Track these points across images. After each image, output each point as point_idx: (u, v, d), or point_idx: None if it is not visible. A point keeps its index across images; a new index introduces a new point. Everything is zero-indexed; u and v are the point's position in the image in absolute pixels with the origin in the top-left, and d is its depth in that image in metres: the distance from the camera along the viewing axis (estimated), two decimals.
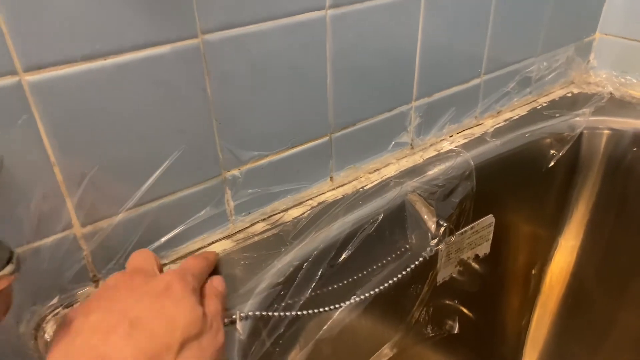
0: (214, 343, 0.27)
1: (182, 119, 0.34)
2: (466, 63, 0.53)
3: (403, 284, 0.48)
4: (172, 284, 0.28)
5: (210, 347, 0.27)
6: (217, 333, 0.28)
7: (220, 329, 0.29)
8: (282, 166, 0.42)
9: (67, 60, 0.28)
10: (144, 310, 0.26)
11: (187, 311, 0.27)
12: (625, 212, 0.63)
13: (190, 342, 0.26)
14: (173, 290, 0.28)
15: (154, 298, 0.27)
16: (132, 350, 0.24)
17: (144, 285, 0.28)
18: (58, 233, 0.32)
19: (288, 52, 0.38)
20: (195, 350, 0.26)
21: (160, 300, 0.27)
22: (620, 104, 0.63)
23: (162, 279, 0.29)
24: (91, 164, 0.32)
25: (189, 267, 0.32)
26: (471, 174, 0.52)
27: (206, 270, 0.34)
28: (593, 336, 0.71)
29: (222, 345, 0.28)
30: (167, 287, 0.28)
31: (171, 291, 0.28)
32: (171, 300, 0.27)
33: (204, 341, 0.27)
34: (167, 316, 0.26)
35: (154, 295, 0.27)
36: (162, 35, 0.31)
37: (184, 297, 0.28)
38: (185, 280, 0.29)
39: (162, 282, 0.28)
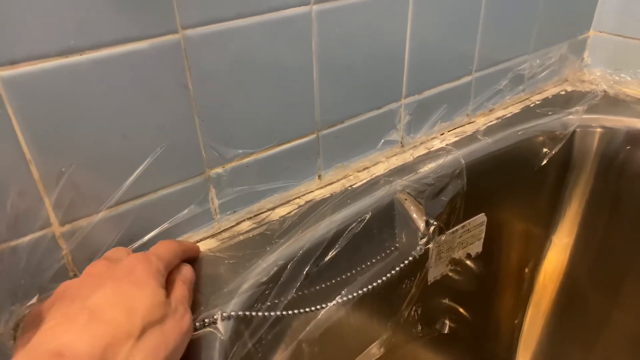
0: (178, 328, 0.27)
1: (163, 115, 0.34)
2: (457, 60, 0.52)
3: (392, 283, 0.47)
4: (134, 267, 0.28)
5: (173, 332, 0.26)
6: (182, 318, 0.28)
7: (185, 314, 0.28)
8: (268, 164, 0.42)
9: (41, 56, 0.28)
10: (104, 297, 0.26)
11: (149, 295, 0.26)
12: (618, 211, 0.62)
13: (151, 327, 0.25)
14: (135, 273, 0.27)
15: (115, 283, 0.27)
16: (91, 339, 0.23)
17: (107, 271, 0.28)
18: (36, 232, 0.32)
19: (272, 48, 0.37)
20: (157, 335, 0.25)
21: (121, 285, 0.26)
22: (613, 102, 0.62)
23: (126, 262, 0.28)
24: (69, 161, 0.31)
25: (155, 249, 0.32)
26: (462, 172, 0.51)
27: (176, 255, 0.33)
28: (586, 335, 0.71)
29: (187, 330, 0.28)
30: (130, 270, 0.28)
31: (133, 275, 0.27)
32: (133, 283, 0.27)
33: (166, 326, 0.26)
34: (127, 302, 0.26)
35: (116, 279, 0.27)
36: (140, 31, 0.31)
37: (146, 280, 0.27)
38: (149, 262, 0.29)
39: (124, 267, 0.28)
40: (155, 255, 0.30)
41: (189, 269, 0.33)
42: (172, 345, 0.26)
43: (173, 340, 0.26)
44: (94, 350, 0.23)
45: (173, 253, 0.33)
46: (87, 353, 0.23)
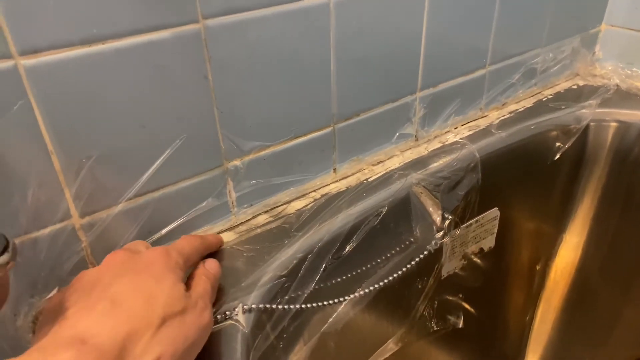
0: (198, 321, 0.27)
1: (183, 106, 0.34)
2: (471, 53, 0.52)
3: (408, 278, 0.47)
4: (154, 261, 0.28)
5: (193, 325, 0.26)
6: (202, 312, 0.27)
7: (205, 309, 0.28)
8: (285, 157, 0.42)
9: (64, 44, 0.28)
10: (124, 287, 0.26)
11: (168, 288, 0.26)
12: (632, 207, 0.62)
13: (171, 318, 0.25)
14: (154, 266, 0.27)
15: (134, 275, 0.27)
16: (112, 326, 0.23)
17: (127, 263, 0.28)
18: (56, 224, 0.31)
19: (291, 39, 0.37)
20: (176, 326, 0.25)
21: (140, 277, 0.26)
22: (626, 96, 0.62)
23: (145, 256, 0.28)
24: (90, 152, 0.31)
25: (177, 244, 0.31)
26: (476, 166, 0.51)
27: (198, 250, 0.33)
28: (597, 332, 0.71)
29: (206, 325, 0.28)
30: (149, 263, 0.28)
31: (152, 268, 0.27)
32: (152, 276, 0.27)
33: (186, 318, 0.26)
34: (146, 293, 0.26)
35: (136, 272, 0.27)
36: (162, 20, 0.30)
37: (165, 273, 0.27)
38: (169, 256, 0.29)
39: (144, 259, 0.28)
40: (175, 250, 0.30)
41: (215, 264, 0.33)
42: (192, 338, 0.26)
43: (192, 333, 0.26)
44: (115, 338, 0.23)
45: (194, 249, 0.32)
46: (109, 340, 0.23)
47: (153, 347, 0.24)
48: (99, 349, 0.22)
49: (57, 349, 0.22)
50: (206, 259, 0.33)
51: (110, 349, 0.22)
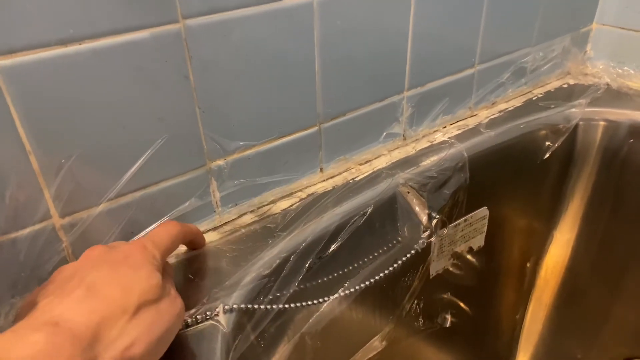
0: (172, 308, 0.27)
1: (163, 106, 0.33)
2: (459, 52, 0.52)
3: (394, 277, 0.47)
4: (130, 253, 0.28)
5: (167, 312, 0.27)
6: (174, 299, 0.28)
7: (177, 297, 0.29)
8: (270, 157, 0.41)
9: (40, 45, 0.27)
10: (101, 276, 0.26)
11: (144, 278, 0.27)
12: (621, 205, 0.62)
13: (146, 305, 0.26)
14: (131, 258, 0.28)
15: (112, 266, 0.27)
16: (87, 311, 0.24)
17: (104, 255, 0.28)
18: (36, 224, 0.31)
19: (274, 38, 0.37)
20: (152, 313, 0.26)
21: (117, 268, 0.27)
22: (616, 95, 0.62)
23: (122, 248, 0.29)
24: (69, 152, 0.31)
25: (153, 235, 0.31)
26: (464, 165, 0.51)
27: (177, 238, 0.33)
28: (587, 329, 0.71)
29: (180, 311, 0.28)
30: (126, 256, 0.28)
31: (129, 259, 0.28)
32: (129, 267, 0.27)
33: (161, 306, 0.27)
34: (123, 282, 0.26)
35: (113, 263, 0.27)
36: (141, 20, 0.30)
37: (142, 264, 0.28)
38: (146, 249, 0.29)
39: (121, 252, 0.28)
40: (151, 241, 0.30)
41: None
42: (167, 324, 0.27)
43: (167, 319, 0.27)
44: (89, 322, 0.23)
45: (171, 237, 0.32)
46: (83, 324, 0.23)
47: (128, 332, 0.24)
48: (72, 332, 0.22)
49: (29, 330, 0.22)
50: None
51: (83, 333, 0.23)
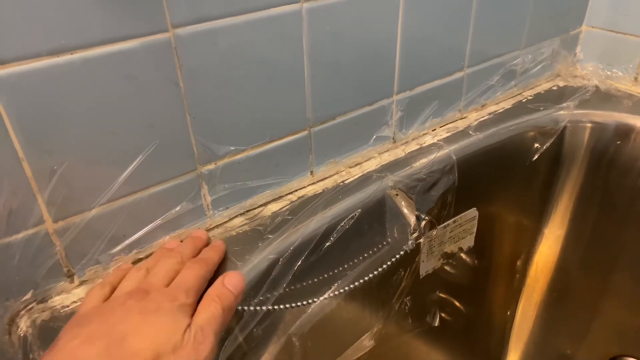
0: (194, 355, 0.27)
1: (154, 113, 0.34)
2: (449, 56, 0.52)
3: (384, 278, 0.48)
4: (162, 305, 0.29)
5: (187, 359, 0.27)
6: (200, 344, 0.28)
7: (205, 340, 0.28)
8: (260, 161, 0.42)
9: (32, 55, 0.28)
10: (129, 327, 0.27)
11: (169, 328, 0.28)
12: (609, 205, 0.63)
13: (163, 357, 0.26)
14: (162, 309, 0.29)
15: (141, 316, 0.28)
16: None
17: (136, 304, 0.29)
18: (29, 229, 0.32)
19: (263, 46, 0.37)
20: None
21: (147, 319, 0.28)
22: (605, 97, 0.63)
23: (154, 299, 0.29)
24: (61, 159, 0.31)
25: (182, 282, 0.31)
26: (453, 167, 0.52)
27: (204, 278, 0.33)
28: (577, 326, 0.72)
29: (205, 357, 0.28)
30: (157, 307, 0.29)
31: (160, 310, 0.28)
32: (158, 317, 0.28)
33: (180, 355, 0.27)
34: (147, 333, 0.27)
35: (145, 314, 0.28)
36: (131, 30, 0.31)
37: (170, 314, 0.28)
38: (177, 298, 0.30)
39: (154, 304, 0.29)
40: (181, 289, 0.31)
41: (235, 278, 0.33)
42: None
43: None
44: None
45: (199, 279, 0.32)
46: None
47: None
48: None
49: None
50: (227, 273, 0.34)
51: None
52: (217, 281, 0.33)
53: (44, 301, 0.34)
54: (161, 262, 0.33)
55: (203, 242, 0.38)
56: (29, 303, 0.34)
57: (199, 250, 0.37)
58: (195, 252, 0.36)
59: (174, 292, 0.30)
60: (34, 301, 0.34)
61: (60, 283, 0.35)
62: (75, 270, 0.35)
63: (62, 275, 0.35)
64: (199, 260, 0.35)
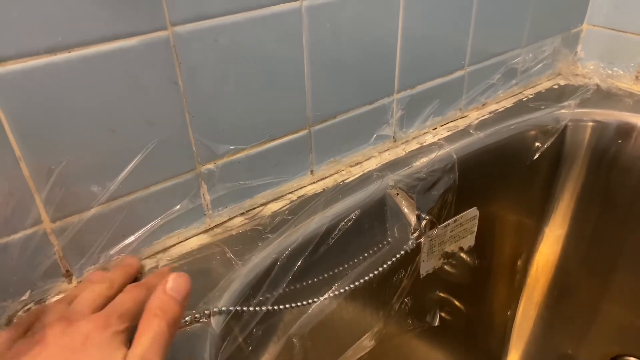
0: None
1: (153, 112, 0.34)
2: (449, 54, 0.52)
3: (384, 277, 0.48)
4: (90, 335, 0.26)
5: None
6: None
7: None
8: (260, 160, 0.42)
9: (29, 53, 0.28)
10: None
11: None
12: (610, 203, 0.63)
13: None
14: (90, 341, 0.25)
15: (68, 354, 0.25)
16: None
17: (59, 339, 0.26)
18: (27, 229, 0.32)
19: (262, 44, 0.37)
20: None
21: (75, 356, 0.25)
22: (606, 96, 0.63)
23: (79, 329, 0.26)
24: (59, 158, 0.31)
25: (117, 305, 0.28)
26: (454, 166, 0.51)
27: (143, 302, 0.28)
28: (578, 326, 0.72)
29: None
30: (85, 338, 0.26)
31: (88, 343, 0.25)
32: (86, 353, 0.25)
33: None
34: None
35: (70, 350, 0.25)
36: (129, 27, 0.31)
37: (100, 348, 0.25)
38: (108, 324, 0.26)
39: (80, 335, 0.26)
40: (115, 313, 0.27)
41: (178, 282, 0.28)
42: None
43: None
44: None
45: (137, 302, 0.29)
46: None
47: None
48: None
49: None
50: (169, 275, 0.28)
51: None
52: (158, 289, 0.28)
53: (42, 302, 0.34)
54: (86, 288, 0.30)
55: (134, 269, 0.35)
56: (26, 304, 0.34)
57: (132, 277, 0.34)
58: (127, 278, 0.33)
59: (104, 317, 0.27)
60: (32, 302, 0.34)
61: (58, 283, 0.35)
62: (73, 270, 0.35)
63: (60, 275, 0.35)
64: (139, 284, 0.31)
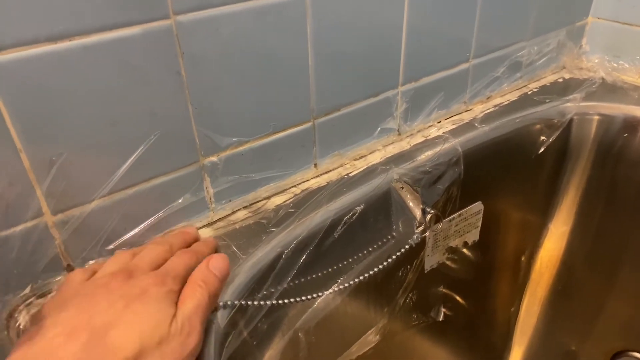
0: (180, 349, 0.26)
1: (155, 103, 0.33)
2: (454, 47, 0.51)
3: (389, 271, 0.47)
4: (147, 289, 0.27)
5: (172, 354, 0.26)
6: (187, 337, 0.27)
7: (193, 332, 0.27)
8: (263, 153, 0.41)
9: (29, 41, 0.27)
10: (111, 316, 0.25)
11: (154, 318, 0.26)
12: (615, 198, 0.62)
13: (148, 352, 0.25)
14: (148, 294, 0.27)
15: (126, 302, 0.26)
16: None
17: (121, 288, 0.27)
18: (28, 221, 0.31)
19: (266, 34, 0.36)
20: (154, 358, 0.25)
21: (131, 305, 0.26)
22: (611, 89, 0.62)
23: (140, 283, 0.28)
24: (60, 149, 0.31)
25: (171, 268, 0.30)
26: (459, 160, 0.51)
27: (194, 268, 0.31)
28: (582, 322, 0.72)
29: (192, 350, 0.27)
30: (143, 292, 0.27)
31: (146, 295, 0.27)
32: (143, 305, 0.26)
33: (166, 349, 0.25)
34: (131, 325, 0.25)
35: (128, 299, 0.26)
36: (132, 16, 0.30)
37: (157, 301, 0.27)
38: (164, 283, 0.28)
39: (138, 287, 0.27)
40: (169, 275, 0.29)
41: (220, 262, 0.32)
42: None
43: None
44: None
45: (188, 268, 0.31)
46: None
47: None
48: None
49: None
50: (212, 256, 0.32)
51: None
52: (202, 265, 0.31)
53: (43, 296, 0.34)
54: (149, 247, 0.32)
55: (192, 237, 0.37)
56: (27, 297, 0.33)
57: (188, 244, 0.35)
58: (184, 244, 0.35)
59: (161, 276, 0.29)
60: (33, 296, 0.33)
61: (59, 277, 0.34)
62: (75, 264, 0.34)
63: (62, 269, 0.34)
64: (190, 250, 0.33)
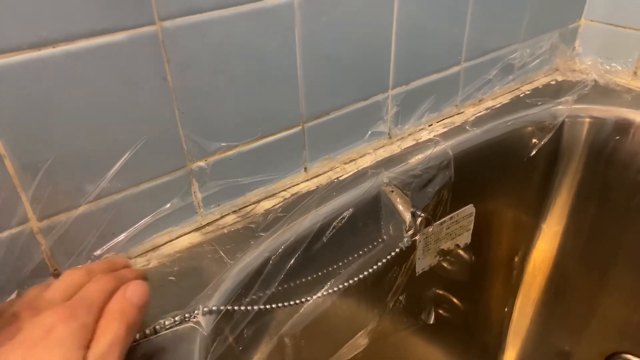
0: None
1: (142, 108, 0.33)
2: (445, 50, 0.51)
3: (379, 275, 0.47)
4: (54, 327, 0.24)
5: None
6: None
7: None
8: (252, 157, 0.41)
9: (12, 49, 0.27)
10: None
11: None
12: (607, 200, 0.63)
13: None
14: (53, 335, 0.24)
15: (27, 349, 0.24)
16: None
17: (21, 330, 0.25)
18: (13, 228, 0.31)
19: (254, 39, 0.36)
20: None
21: (33, 351, 0.24)
22: (604, 92, 0.62)
23: (45, 321, 0.25)
24: (45, 156, 0.31)
25: (86, 295, 0.27)
26: (449, 163, 0.51)
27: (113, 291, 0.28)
28: (575, 322, 0.72)
29: None
30: (48, 331, 0.24)
31: (50, 337, 0.24)
32: (46, 349, 0.24)
33: None
34: None
35: (30, 344, 0.24)
36: (116, 22, 0.30)
37: (61, 345, 0.24)
38: (75, 316, 0.25)
39: (42, 326, 0.25)
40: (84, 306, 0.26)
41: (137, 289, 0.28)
42: None
43: None
44: None
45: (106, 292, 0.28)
46: None
47: None
48: None
49: None
50: (129, 283, 0.28)
51: None
52: (118, 293, 0.28)
53: None
54: (64, 274, 0.29)
55: (120, 265, 0.34)
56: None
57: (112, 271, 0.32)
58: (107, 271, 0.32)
59: (73, 307, 0.26)
60: None
61: (46, 282, 0.34)
62: (61, 269, 0.34)
63: (49, 274, 0.34)
64: (109, 274, 0.30)
